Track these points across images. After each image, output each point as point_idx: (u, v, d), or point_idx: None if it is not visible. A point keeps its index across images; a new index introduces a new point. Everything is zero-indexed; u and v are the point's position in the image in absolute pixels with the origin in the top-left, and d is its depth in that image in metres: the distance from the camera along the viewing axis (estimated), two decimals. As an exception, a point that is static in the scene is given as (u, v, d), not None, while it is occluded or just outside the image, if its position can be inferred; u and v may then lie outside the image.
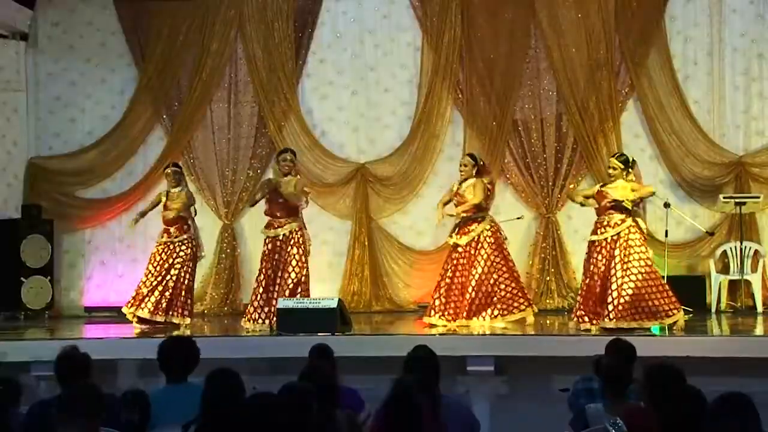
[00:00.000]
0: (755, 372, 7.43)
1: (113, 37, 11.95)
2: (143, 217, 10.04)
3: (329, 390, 4.45)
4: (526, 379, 8.06)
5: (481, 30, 11.39)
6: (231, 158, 11.66)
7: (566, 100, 11.15)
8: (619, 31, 11.15)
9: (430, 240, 11.44)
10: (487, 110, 11.31)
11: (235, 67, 11.77)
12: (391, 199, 11.52)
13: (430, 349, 4.99)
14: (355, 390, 5.39)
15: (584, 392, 5.53)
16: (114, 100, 11.93)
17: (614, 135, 11.10)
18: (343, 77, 11.70)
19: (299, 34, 11.66)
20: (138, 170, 11.82)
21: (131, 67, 11.91)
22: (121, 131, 11.78)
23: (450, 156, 11.47)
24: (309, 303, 8.59)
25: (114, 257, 11.82)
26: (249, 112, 11.77)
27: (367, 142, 11.66)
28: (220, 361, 4.75)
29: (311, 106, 11.74)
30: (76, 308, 11.67)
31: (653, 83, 11.05)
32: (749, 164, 10.86)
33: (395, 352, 5.64)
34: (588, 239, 8.76)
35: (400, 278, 11.37)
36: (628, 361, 5.26)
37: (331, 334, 8.10)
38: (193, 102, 11.67)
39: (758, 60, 11.05)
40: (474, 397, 7.85)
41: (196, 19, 11.70)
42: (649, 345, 7.48)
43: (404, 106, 11.60)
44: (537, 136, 11.28)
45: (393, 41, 11.64)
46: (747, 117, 11.05)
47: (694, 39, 11.17)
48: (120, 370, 8.42)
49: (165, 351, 5.10)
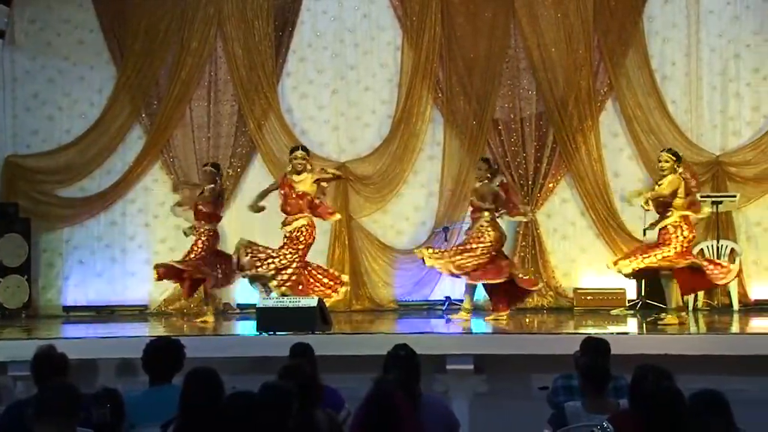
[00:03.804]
0: (731, 369, 7.46)
1: (91, 35, 11.87)
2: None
3: (309, 389, 4.42)
4: (505, 377, 8.07)
5: (461, 29, 11.41)
6: (211, 157, 11.53)
7: (546, 99, 11.19)
8: (598, 32, 11.20)
9: (410, 239, 11.46)
10: (467, 109, 11.33)
11: (215, 65, 11.74)
12: (371, 198, 11.51)
13: (410, 347, 4.97)
14: (335, 389, 5.35)
15: (563, 390, 5.56)
16: (92, 98, 11.86)
17: (593, 134, 11.16)
18: (323, 76, 11.69)
19: (279, 33, 11.64)
20: (117, 169, 11.76)
21: (110, 65, 11.85)
22: (100, 129, 11.71)
23: (430, 155, 11.51)
24: (289, 302, 8.57)
25: (93, 256, 11.76)
26: (229, 110, 11.74)
27: (348, 141, 11.65)
28: (199, 361, 4.74)
29: (291, 105, 11.72)
30: (54, 308, 11.59)
31: (631, 83, 11.11)
32: (726, 164, 10.92)
33: (375, 351, 5.64)
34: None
35: (380, 277, 11.37)
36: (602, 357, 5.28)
37: (311, 333, 8.06)
38: (172, 100, 11.62)
39: (735, 60, 11.13)
40: (454, 395, 7.86)
41: (175, 17, 11.65)
42: (626, 342, 7.51)
43: (384, 105, 11.60)
44: (517, 136, 11.31)
45: (373, 40, 11.65)
46: (724, 117, 11.13)
47: (671, 39, 11.25)
48: (99, 370, 8.37)
49: (150, 353, 5.05)
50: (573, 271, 11.22)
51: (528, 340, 8.37)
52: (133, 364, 7.10)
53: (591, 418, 4.71)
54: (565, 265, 11.21)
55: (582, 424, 4.77)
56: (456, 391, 7.95)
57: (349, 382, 6.11)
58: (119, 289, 11.66)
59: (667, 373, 4.46)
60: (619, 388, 5.20)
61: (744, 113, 11.11)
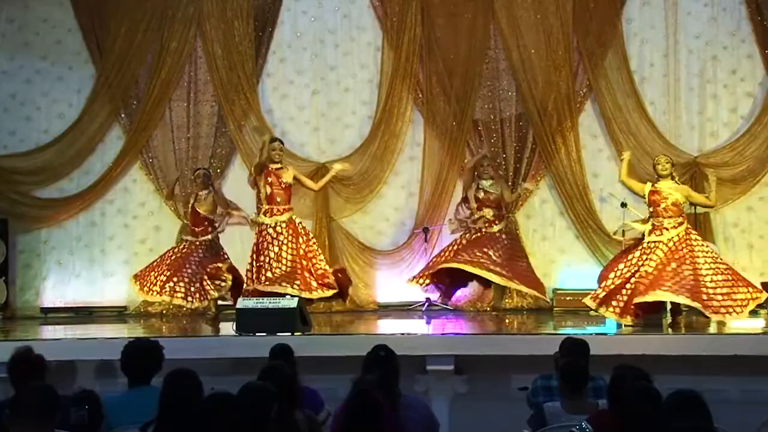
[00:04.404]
0: (708, 369, 7.48)
1: (70, 35, 11.78)
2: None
3: (289, 390, 4.43)
4: (485, 378, 8.04)
5: (441, 30, 11.41)
6: (190, 157, 11.55)
7: (525, 100, 11.21)
8: (577, 33, 11.23)
9: (390, 240, 11.46)
10: (447, 110, 11.33)
11: (195, 65, 11.68)
12: (351, 198, 11.49)
13: (389, 348, 5.00)
14: (315, 390, 5.36)
15: (543, 390, 5.58)
16: (71, 99, 11.76)
17: (572, 135, 11.19)
18: (303, 77, 11.66)
19: (259, 33, 11.61)
20: (95, 169, 11.67)
21: (88, 65, 11.76)
22: (78, 130, 11.61)
23: (410, 156, 11.51)
24: (269, 303, 8.52)
25: (71, 257, 11.67)
26: (209, 111, 11.69)
27: (328, 142, 11.63)
28: (179, 362, 4.73)
29: (271, 106, 11.69)
30: (31, 309, 11.49)
31: (611, 84, 11.15)
32: (704, 165, 10.92)
33: (355, 352, 5.65)
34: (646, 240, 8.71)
35: (360, 278, 11.32)
36: (582, 357, 5.31)
37: (291, 334, 8.05)
38: (151, 101, 11.55)
39: (712, 62, 11.19)
40: (434, 396, 7.83)
41: (154, 17, 11.58)
42: (604, 343, 7.51)
43: (364, 106, 11.59)
44: (497, 136, 11.32)
45: (353, 41, 11.63)
46: (702, 118, 11.18)
47: (650, 41, 11.29)
48: (78, 372, 8.29)
49: (129, 354, 5.04)
50: (552, 271, 11.24)
51: (508, 341, 8.36)
52: (112, 365, 7.07)
53: (570, 419, 4.74)
54: (545, 266, 11.22)
55: (561, 424, 4.80)
56: (436, 392, 7.91)
57: (329, 383, 6.15)
58: (98, 290, 11.57)
59: (645, 373, 4.48)
60: (597, 388, 5.23)
61: (721, 114, 11.17)
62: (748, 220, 11.05)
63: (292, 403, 4.41)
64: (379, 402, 3.96)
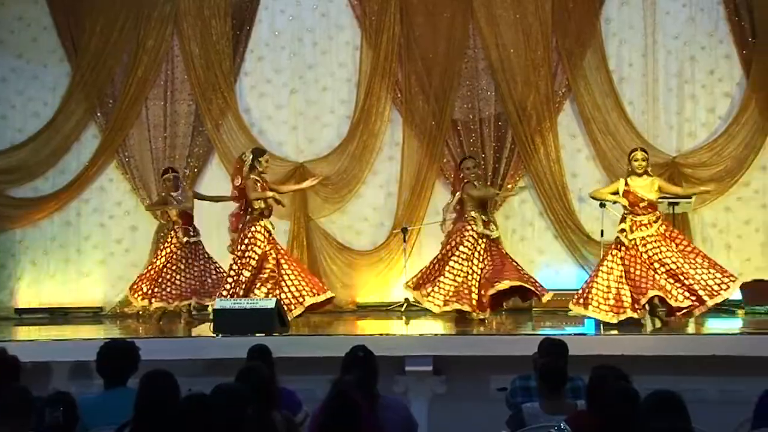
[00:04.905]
0: (686, 370, 7.50)
1: (45, 32, 11.70)
2: None
3: (267, 391, 4.41)
4: (464, 378, 8.04)
5: (419, 29, 11.38)
6: (167, 157, 11.49)
7: (504, 100, 11.20)
8: (556, 32, 11.22)
9: (369, 240, 11.42)
10: (425, 109, 11.31)
11: (172, 64, 11.63)
12: (329, 198, 11.45)
13: (368, 349, 4.98)
14: (293, 391, 5.33)
15: (521, 390, 5.57)
16: (46, 97, 11.69)
17: (551, 135, 11.18)
18: (281, 75, 11.61)
19: (237, 32, 11.56)
20: (71, 168, 11.60)
21: (64, 63, 11.68)
22: (54, 129, 11.54)
23: (389, 155, 11.48)
24: (246, 303, 8.51)
25: (46, 257, 11.59)
26: (186, 110, 11.64)
27: (306, 141, 11.58)
28: (155, 363, 4.69)
29: (249, 105, 11.63)
30: (5, 309, 11.40)
31: (589, 84, 11.15)
32: (682, 165, 10.97)
33: (333, 353, 5.64)
34: (625, 237, 8.73)
35: (338, 278, 11.29)
36: (560, 358, 5.30)
37: (269, 335, 8.01)
38: (128, 99, 11.49)
39: (690, 62, 11.21)
40: (412, 396, 7.84)
41: (131, 15, 11.52)
42: (583, 343, 7.54)
43: (343, 105, 11.55)
44: (475, 136, 11.30)
45: (331, 39, 11.59)
46: (680, 118, 11.20)
47: (628, 41, 11.30)
48: (53, 373, 8.26)
49: (105, 355, 4.99)
50: (531, 272, 11.09)
51: (487, 341, 8.35)
52: (88, 366, 6.96)
53: (549, 419, 4.73)
54: (524, 267, 11.11)
55: (540, 425, 4.79)
56: (415, 393, 7.92)
57: (307, 383, 6.14)
58: (73, 290, 11.49)
59: (624, 374, 4.48)
60: (576, 388, 5.22)
61: (699, 115, 11.18)
62: (726, 221, 11.07)
63: (269, 404, 4.39)
64: (357, 403, 3.95)
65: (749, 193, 11.06)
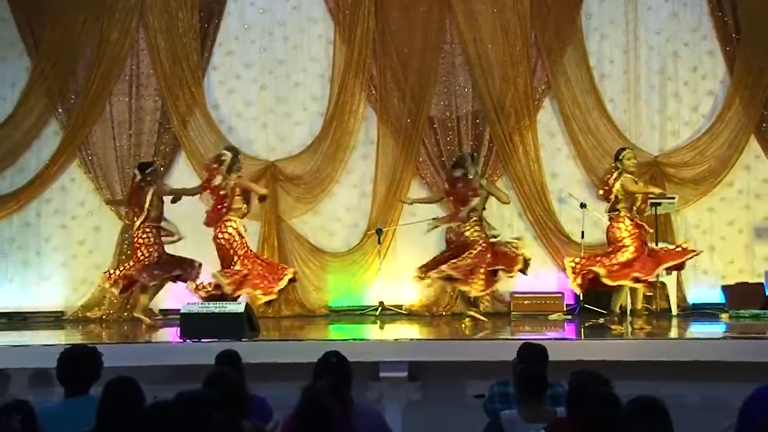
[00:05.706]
0: (669, 375, 7.48)
1: (4, 25, 11.41)
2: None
3: (236, 398, 4.38)
4: (439, 384, 8.03)
5: (395, 23, 11.22)
6: (132, 155, 11.26)
7: (482, 97, 11.05)
8: (535, 27, 11.11)
9: (343, 241, 11.24)
10: (401, 107, 11.15)
11: (137, 58, 11.41)
12: (302, 198, 11.25)
13: (341, 354, 4.91)
14: (264, 398, 5.28)
15: (500, 397, 5.49)
16: (5, 93, 11.42)
17: (530, 134, 11.05)
18: (251, 71, 11.41)
19: (205, 25, 11.36)
20: (30, 167, 11.34)
21: (23, 57, 11.41)
22: (12, 125, 11.25)
23: (363, 154, 11.33)
24: (215, 307, 8.43)
25: (4, 259, 11.33)
26: (152, 106, 11.41)
27: (277, 139, 11.38)
28: (119, 370, 4.55)
29: (218, 101, 11.43)
30: (-38, 314, 11.04)
31: (570, 81, 11.04)
32: (664, 164, 10.90)
33: (305, 359, 5.51)
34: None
35: (310, 281, 11.09)
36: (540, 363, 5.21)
37: (239, 340, 7.87)
38: (91, 95, 11.23)
39: (673, 59, 11.11)
40: (387, 403, 7.79)
41: (94, 7, 11.26)
42: (563, 348, 7.47)
43: (315, 102, 11.36)
44: (452, 134, 11.13)
45: (303, 33, 11.40)
46: (663, 117, 11.12)
47: (610, 37, 11.20)
48: (11, 381, 8.12)
49: (66, 362, 4.83)
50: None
51: (464, 347, 8.34)
52: (48, 374, 6.89)
53: (527, 427, 4.66)
54: (502, 270, 10.96)
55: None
56: (389, 399, 7.88)
57: (278, 390, 6.03)
58: (33, 294, 11.22)
59: (605, 379, 4.42)
60: (556, 395, 5.13)
61: (683, 113, 11.12)
62: (709, 222, 11.04)
63: (239, 411, 4.35)
64: (330, 409, 3.91)
65: (733, 194, 11.05)
